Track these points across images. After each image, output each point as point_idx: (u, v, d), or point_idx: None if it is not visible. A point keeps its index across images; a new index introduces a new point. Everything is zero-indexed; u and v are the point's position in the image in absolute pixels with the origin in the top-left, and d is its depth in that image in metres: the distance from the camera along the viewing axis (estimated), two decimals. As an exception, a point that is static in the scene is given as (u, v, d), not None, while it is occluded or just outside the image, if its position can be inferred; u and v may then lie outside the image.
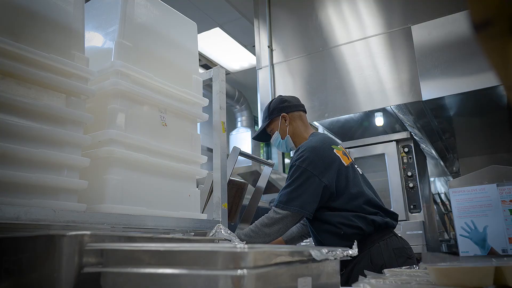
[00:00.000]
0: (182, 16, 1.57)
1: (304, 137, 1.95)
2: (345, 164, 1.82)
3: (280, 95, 2.08)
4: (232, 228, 1.70)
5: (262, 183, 2.36)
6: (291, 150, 2.01)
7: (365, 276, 0.98)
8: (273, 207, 1.73)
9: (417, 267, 1.21)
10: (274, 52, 3.74)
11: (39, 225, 0.93)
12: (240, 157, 2.08)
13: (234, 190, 2.18)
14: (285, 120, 1.97)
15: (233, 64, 5.86)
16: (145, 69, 1.31)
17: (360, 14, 3.34)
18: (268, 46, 3.73)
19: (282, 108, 1.99)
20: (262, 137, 2.08)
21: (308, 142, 1.85)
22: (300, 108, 2.06)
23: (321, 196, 1.71)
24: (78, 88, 1.08)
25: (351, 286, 0.86)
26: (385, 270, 1.08)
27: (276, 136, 1.98)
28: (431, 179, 5.32)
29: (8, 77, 0.94)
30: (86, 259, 0.69)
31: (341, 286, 0.91)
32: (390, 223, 1.74)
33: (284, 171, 7.60)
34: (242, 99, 6.04)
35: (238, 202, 2.24)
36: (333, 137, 4.19)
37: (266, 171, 2.37)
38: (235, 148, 2.06)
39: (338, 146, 1.89)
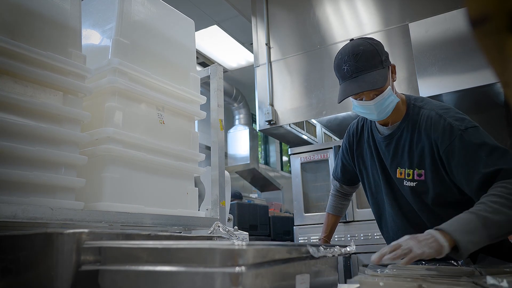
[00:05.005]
0: (179, 13, 1.57)
1: (401, 99, 1.39)
2: None
3: (371, 38, 1.40)
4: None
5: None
6: (387, 115, 1.33)
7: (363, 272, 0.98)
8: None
9: (425, 263, 1.18)
10: (271, 50, 3.73)
11: (37, 223, 0.93)
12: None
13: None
14: (392, 73, 1.37)
15: (231, 62, 5.85)
16: (143, 67, 1.31)
17: (358, 11, 3.34)
18: (266, 44, 3.73)
19: (388, 55, 1.36)
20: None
21: (436, 106, 1.33)
22: None
23: None
24: (75, 86, 1.08)
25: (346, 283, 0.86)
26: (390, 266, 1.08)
27: (388, 93, 1.30)
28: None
29: (4, 75, 0.93)
30: (84, 257, 0.69)
31: None
32: None
33: (282, 169, 7.61)
34: (240, 97, 6.03)
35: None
36: (331, 134, 4.20)
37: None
38: None
39: None
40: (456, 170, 1.20)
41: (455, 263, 1.15)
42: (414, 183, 1.30)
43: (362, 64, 1.26)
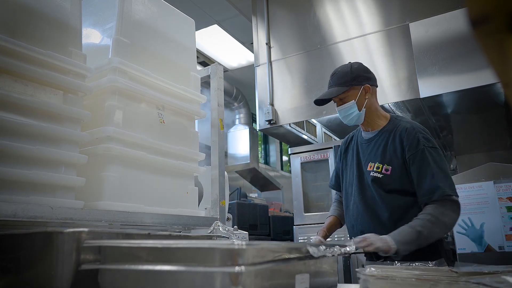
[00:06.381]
0: (180, 13, 1.57)
1: (378, 115, 1.79)
2: None
3: (360, 63, 1.82)
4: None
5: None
6: (356, 124, 1.80)
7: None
8: (450, 198, 1.52)
9: (431, 264, 1.23)
10: (272, 49, 3.73)
11: (37, 222, 0.93)
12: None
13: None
14: (366, 92, 1.74)
15: (231, 61, 5.85)
16: (143, 66, 1.31)
17: (358, 11, 3.34)
18: (266, 43, 3.73)
19: (367, 78, 1.76)
20: (324, 101, 1.78)
21: (413, 123, 1.72)
22: (377, 84, 1.85)
23: None
24: (75, 85, 1.08)
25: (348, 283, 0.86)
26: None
27: (350, 106, 1.72)
28: (429, 176, 5.30)
29: (4, 73, 0.93)
30: (84, 256, 0.69)
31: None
32: None
33: (282, 169, 7.61)
34: (240, 96, 6.02)
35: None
36: (331, 134, 4.20)
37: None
38: None
39: None
40: (412, 174, 1.60)
41: (430, 264, 1.27)
42: (381, 175, 1.66)
43: (333, 81, 1.76)
